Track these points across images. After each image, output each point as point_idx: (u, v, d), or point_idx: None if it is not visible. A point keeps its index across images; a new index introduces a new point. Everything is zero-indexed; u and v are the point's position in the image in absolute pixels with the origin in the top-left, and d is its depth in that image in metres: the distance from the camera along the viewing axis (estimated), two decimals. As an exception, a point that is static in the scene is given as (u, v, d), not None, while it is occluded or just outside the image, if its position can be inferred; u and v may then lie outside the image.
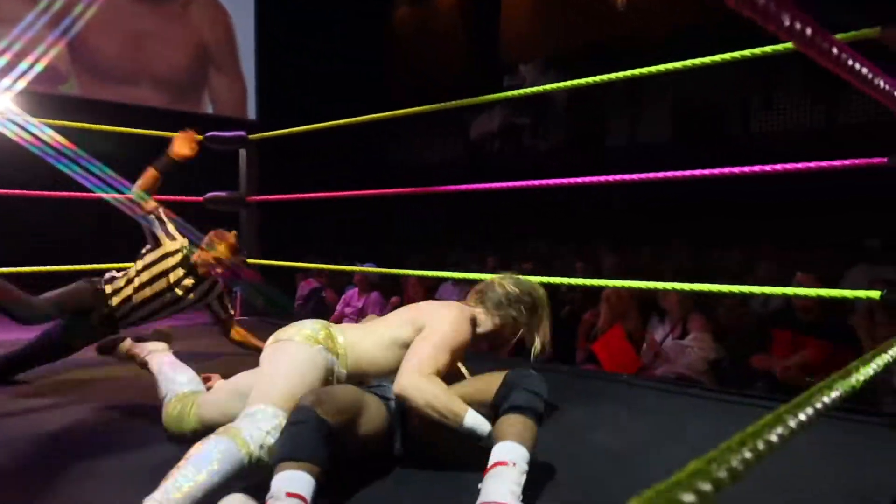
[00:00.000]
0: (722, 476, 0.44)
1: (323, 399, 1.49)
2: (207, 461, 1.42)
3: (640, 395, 2.62)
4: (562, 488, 1.64)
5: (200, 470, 1.39)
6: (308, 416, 1.45)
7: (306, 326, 1.83)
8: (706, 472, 0.43)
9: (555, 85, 3.12)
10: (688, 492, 0.41)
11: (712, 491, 0.43)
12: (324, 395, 1.53)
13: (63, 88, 6.97)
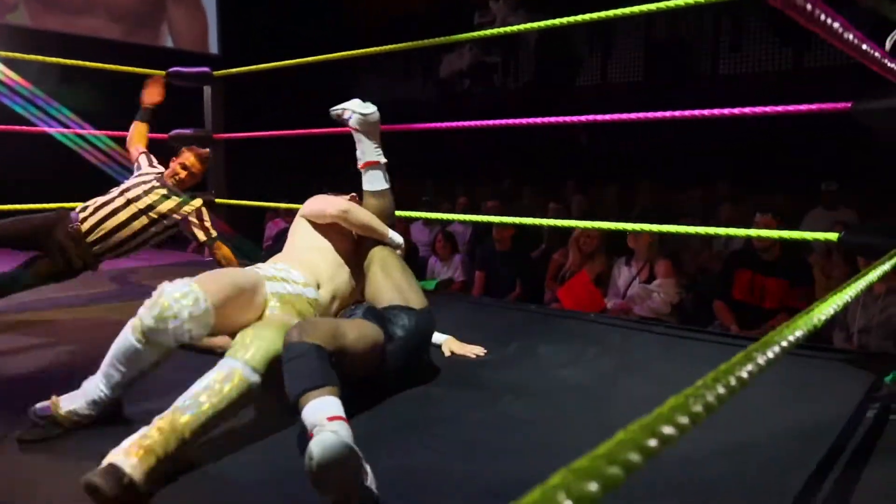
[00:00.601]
0: (698, 410, 0.47)
1: (306, 328, 1.53)
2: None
3: (607, 332, 2.70)
4: (536, 424, 1.71)
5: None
6: (303, 347, 1.47)
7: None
8: (684, 407, 0.46)
9: (525, 25, 3.06)
10: (668, 425, 0.44)
11: (690, 424, 0.46)
12: (305, 324, 1.56)
13: (11, 18, 6.60)
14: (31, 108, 4.49)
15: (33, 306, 2.94)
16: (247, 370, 1.49)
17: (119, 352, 1.57)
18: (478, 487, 1.34)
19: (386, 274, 2.02)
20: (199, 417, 1.39)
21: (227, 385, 1.45)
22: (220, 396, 1.43)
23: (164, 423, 1.36)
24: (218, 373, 1.47)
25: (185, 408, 1.39)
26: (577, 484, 0.35)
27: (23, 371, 2.10)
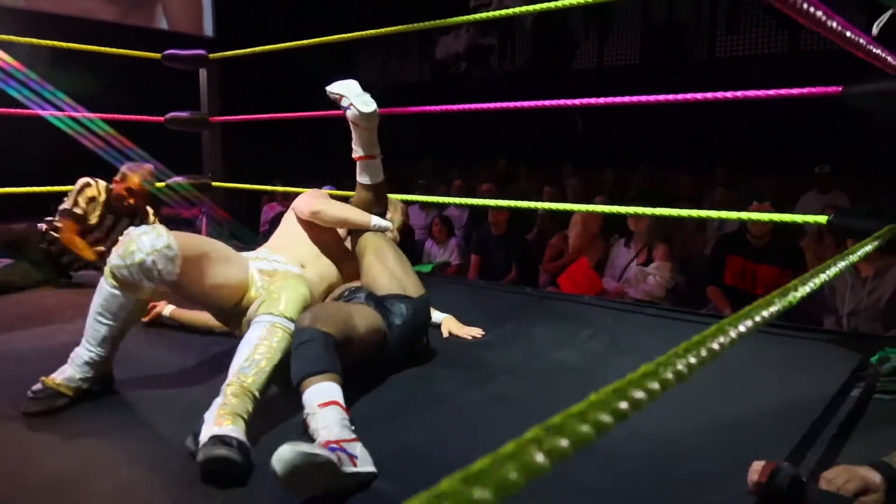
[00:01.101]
0: (668, 377, 0.51)
1: (319, 316, 1.58)
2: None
3: (600, 315, 2.74)
4: (531, 403, 1.75)
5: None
6: (312, 333, 1.52)
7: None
8: (655, 374, 0.50)
9: (522, 9, 3.07)
10: (639, 389, 0.47)
11: (660, 389, 0.49)
12: (318, 310, 1.62)
13: (5, 0, 6.56)
14: (25, 91, 4.48)
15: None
16: (284, 321, 1.61)
17: (97, 303, 1.65)
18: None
19: (381, 262, 2.04)
20: (261, 375, 1.50)
21: (274, 339, 1.56)
22: (272, 351, 1.54)
23: (235, 389, 1.44)
24: (261, 331, 1.57)
25: (246, 369, 1.49)
26: (550, 440, 0.39)
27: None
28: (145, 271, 1.59)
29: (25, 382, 1.64)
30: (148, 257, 1.59)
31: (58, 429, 1.54)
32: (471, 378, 1.93)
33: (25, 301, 2.83)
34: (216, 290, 1.75)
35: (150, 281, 1.60)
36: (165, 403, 1.72)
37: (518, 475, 0.36)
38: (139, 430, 1.56)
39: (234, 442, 1.30)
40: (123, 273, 1.60)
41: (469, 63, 8.86)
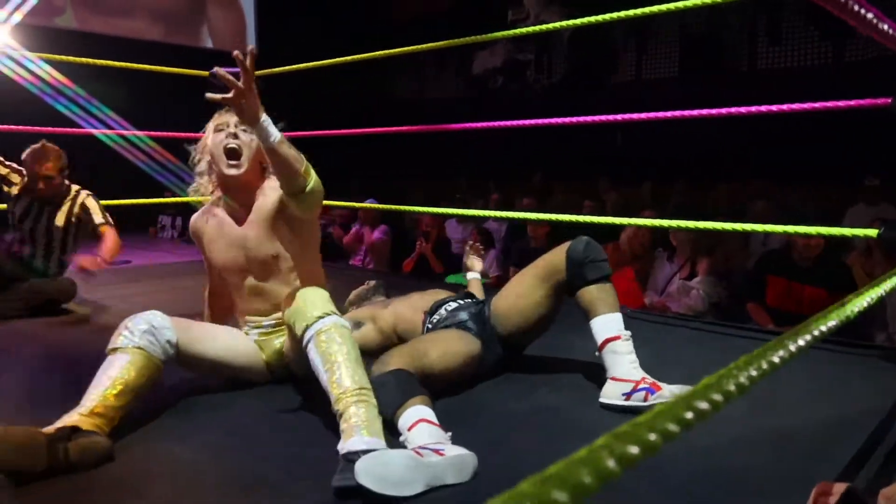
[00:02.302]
0: (731, 389, 0.51)
1: (384, 360, 1.65)
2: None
3: (642, 327, 2.70)
4: (572, 414, 1.75)
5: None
6: (381, 378, 1.57)
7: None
8: (718, 386, 0.50)
9: (560, 24, 3.08)
10: (702, 401, 0.48)
11: (723, 401, 0.50)
12: (384, 356, 1.67)
13: (59, 21, 6.84)
14: (73, 107, 4.63)
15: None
16: (331, 319, 1.56)
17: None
18: (517, 477, 1.39)
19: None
20: (355, 376, 1.47)
21: (339, 339, 1.53)
22: (346, 350, 1.51)
23: (346, 398, 1.43)
24: (320, 340, 1.52)
25: (339, 379, 1.46)
26: (620, 446, 0.40)
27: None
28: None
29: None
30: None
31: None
32: (511, 388, 1.93)
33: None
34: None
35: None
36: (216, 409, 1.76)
37: (592, 479, 0.37)
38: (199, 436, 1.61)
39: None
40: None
41: (506, 78, 8.92)
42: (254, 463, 1.46)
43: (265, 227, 1.88)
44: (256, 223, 1.89)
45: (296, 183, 1.72)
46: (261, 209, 1.89)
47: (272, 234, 1.88)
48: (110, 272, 4.41)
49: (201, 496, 1.34)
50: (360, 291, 2.59)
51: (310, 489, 1.32)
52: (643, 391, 1.70)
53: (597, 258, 1.87)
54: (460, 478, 1.32)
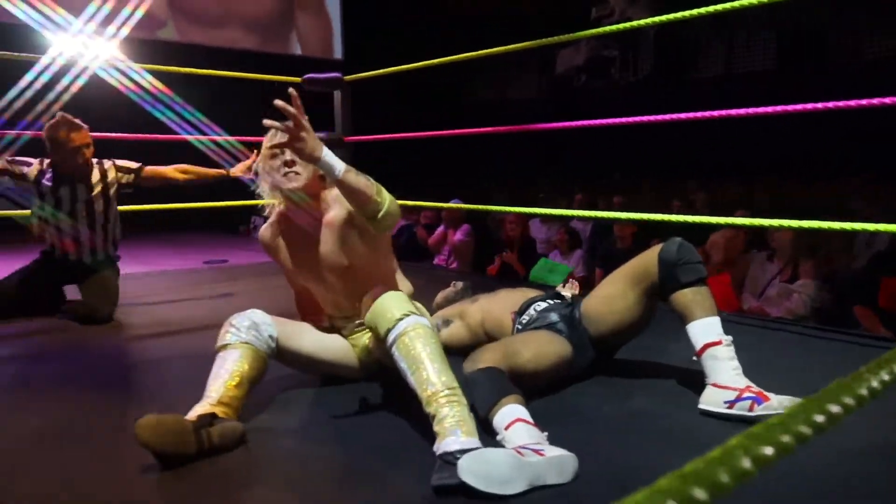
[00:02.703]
0: (863, 393, 0.50)
1: (475, 358, 1.67)
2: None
3: (740, 331, 2.60)
4: (669, 420, 1.71)
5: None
6: (474, 375, 1.60)
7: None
8: (850, 389, 0.49)
9: (647, 20, 3.01)
10: (834, 403, 0.47)
11: (855, 405, 0.49)
12: (475, 354, 1.70)
13: (161, 34, 7.26)
14: (168, 112, 4.88)
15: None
16: (413, 319, 1.56)
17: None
18: (612, 481, 1.38)
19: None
20: (443, 376, 1.47)
21: (423, 339, 1.52)
22: (431, 350, 1.51)
23: (437, 399, 1.43)
24: (404, 343, 1.52)
25: (428, 379, 1.46)
26: (755, 447, 0.40)
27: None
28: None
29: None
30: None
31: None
32: (605, 392, 1.92)
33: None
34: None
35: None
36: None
37: (729, 478, 0.38)
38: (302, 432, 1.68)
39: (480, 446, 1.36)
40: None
41: (589, 75, 8.79)
42: (357, 456, 1.51)
43: (336, 240, 1.86)
44: (326, 235, 1.88)
45: (369, 209, 1.68)
46: (331, 223, 1.86)
47: (343, 245, 1.86)
48: (207, 271, 4.66)
49: (310, 486, 1.40)
50: (447, 293, 2.62)
51: (412, 483, 1.36)
52: (749, 400, 1.64)
53: (690, 260, 1.82)
54: (561, 478, 1.33)
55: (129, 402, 1.91)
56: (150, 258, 6.16)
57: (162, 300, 3.47)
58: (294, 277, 2.06)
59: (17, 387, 2.09)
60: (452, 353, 2.02)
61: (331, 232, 1.87)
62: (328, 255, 1.87)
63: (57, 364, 2.35)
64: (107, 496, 1.35)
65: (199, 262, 5.63)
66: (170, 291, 3.73)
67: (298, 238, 1.93)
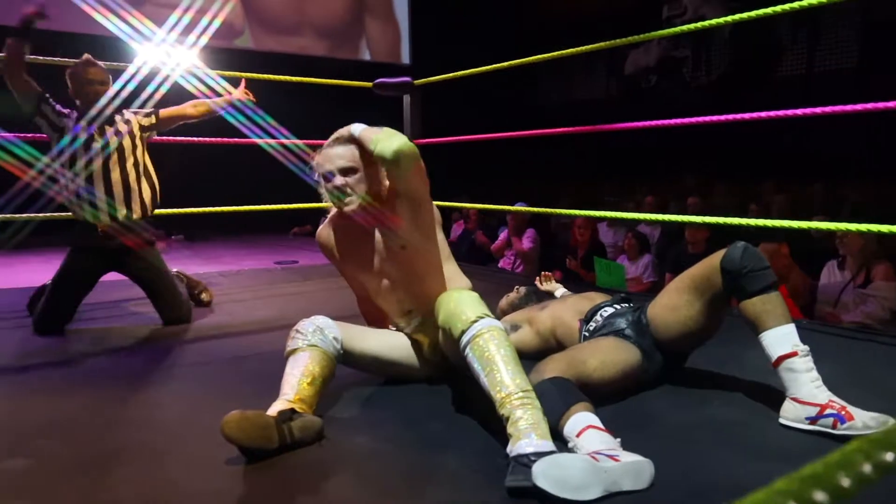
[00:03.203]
0: None
1: (539, 369, 1.67)
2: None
3: (819, 339, 2.51)
4: (747, 428, 1.66)
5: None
6: (541, 386, 1.58)
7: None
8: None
9: (723, 19, 2.92)
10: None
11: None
12: (540, 365, 1.70)
13: (238, 42, 7.54)
14: (240, 117, 5.04)
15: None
16: (487, 321, 1.56)
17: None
18: (690, 489, 1.34)
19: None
20: (517, 378, 1.47)
21: (497, 342, 1.52)
22: (505, 352, 1.51)
23: (510, 401, 1.42)
24: (478, 344, 1.52)
25: (501, 382, 1.46)
26: (876, 453, 0.38)
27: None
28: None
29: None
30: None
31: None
32: (678, 399, 1.87)
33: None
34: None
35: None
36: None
37: (850, 483, 0.36)
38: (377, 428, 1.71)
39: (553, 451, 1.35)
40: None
41: (660, 76, 8.60)
42: (430, 455, 1.53)
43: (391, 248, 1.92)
44: (382, 242, 1.93)
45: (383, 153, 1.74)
46: (379, 203, 1.90)
47: (399, 253, 1.91)
48: (278, 271, 4.79)
49: (385, 482, 1.42)
50: (511, 299, 2.61)
51: (486, 484, 1.36)
52: (831, 417, 1.56)
53: (756, 267, 1.70)
54: (637, 484, 1.30)
55: (209, 399, 1.98)
56: (225, 258, 6.38)
57: (236, 299, 3.59)
58: (352, 277, 2.10)
59: (102, 383, 2.20)
60: (522, 359, 2.02)
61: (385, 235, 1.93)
62: (382, 238, 1.90)
63: (138, 361, 2.47)
64: (194, 486, 1.40)
65: (270, 262, 5.80)
66: (243, 291, 3.86)
67: (356, 236, 1.97)
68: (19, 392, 2.04)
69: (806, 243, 4.16)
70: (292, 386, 1.66)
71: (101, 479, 1.42)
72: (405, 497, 1.37)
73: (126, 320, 3.08)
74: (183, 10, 6.71)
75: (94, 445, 1.62)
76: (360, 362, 1.93)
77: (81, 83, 2.86)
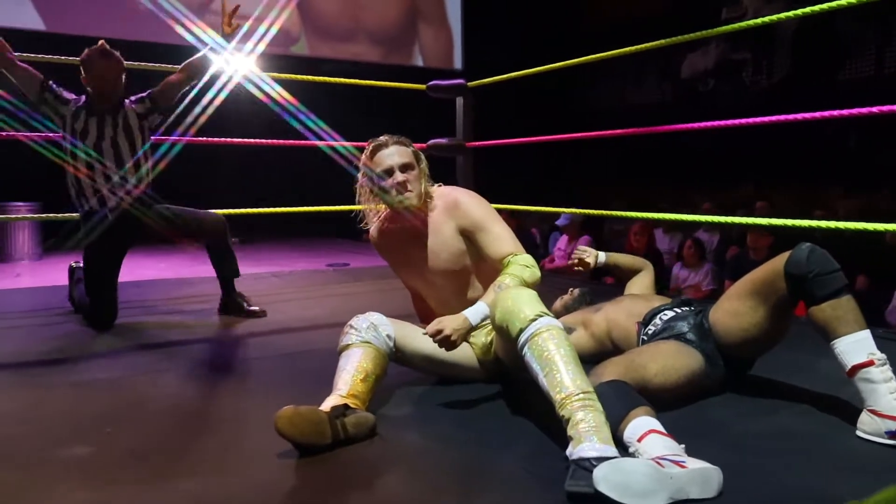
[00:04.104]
0: None
1: (598, 372, 1.60)
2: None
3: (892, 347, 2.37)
4: (819, 439, 1.57)
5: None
6: (600, 389, 1.51)
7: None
8: None
9: (784, 14, 2.80)
10: None
11: None
12: (598, 368, 1.63)
13: (294, 49, 7.68)
14: (293, 121, 5.10)
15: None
16: (546, 320, 1.52)
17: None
18: (761, 500, 1.27)
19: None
20: (577, 379, 1.41)
21: (556, 341, 1.48)
22: (564, 352, 1.46)
23: (570, 403, 1.37)
24: (536, 343, 1.48)
25: (561, 382, 1.41)
26: None
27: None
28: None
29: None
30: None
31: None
32: (745, 407, 1.78)
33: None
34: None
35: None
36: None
37: None
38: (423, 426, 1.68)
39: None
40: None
41: (718, 80, 8.36)
42: (484, 455, 1.49)
43: (443, 245, 1.93)
44: (434, 238, 1.93)
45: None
46: (438, 229, 1.93)
47: (452, 254, 1.93)
48: (330, 273, 4.83)
49: (437, 482, 1.39)
50: (565, 301, 2.56)
51: (540, 488, 1.32)
52: None
53: (824, 270, 1.59)
54: (705, 493, 1.24)
55: (262, 394, 1.99)
56: (278, 260, 6.49)
57: (288, 299, 3.63)
58: (404, 277, 2.12)
59: (157, 376, 2.23)
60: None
61: (437, 236, 1.94)
62: (434, 258, 1.94)
63: (191, 356, 2.51)
64: (247, 480, 1.40)
65: (322, 264, 5.86)
66: (296, 291, 3.90)
67: (407, 237, 1.99)
68: (80, 384, 2.09)
69: (877, 249, 3.95)
70: (346, 382, 1.65)
71: (157, 468, 1.43)
72: (457, 497, 1.33)
73: (180, 316, 3.14)
74: (242, 18, 6.89)
75: (150, 436, 1.64)
76: (413, 361, 1.91)
77: (94, 72, 2.85)
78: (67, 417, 1.78)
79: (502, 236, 1.90)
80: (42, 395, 1.97)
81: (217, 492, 1.33)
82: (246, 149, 4.30)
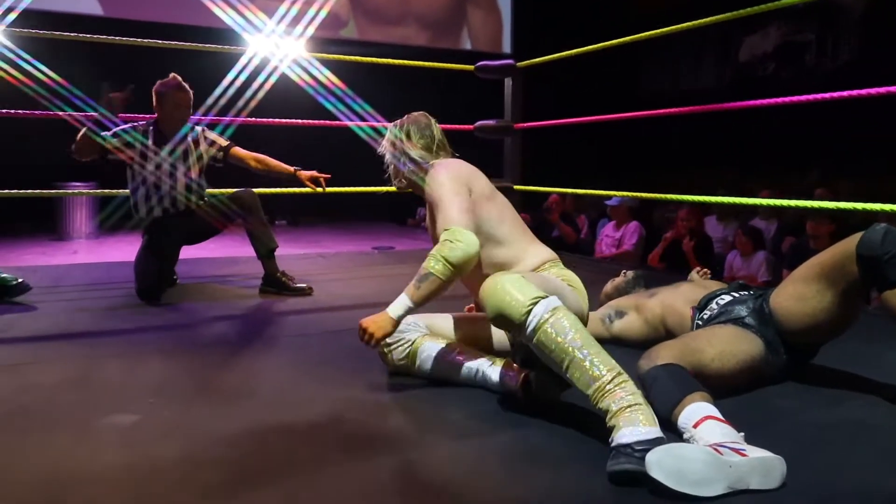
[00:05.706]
0: None
1: (651, 355, 1.55)
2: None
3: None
4: (887, 432, 1.47)
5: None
6: (653, 372, 1.48)
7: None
8: None
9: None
10: None
11: None
12: (651, 351, 1.57)
13: (343, 32, 7.68)
14: (339, 105, 5.09)
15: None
16: (544, 304, 1.43)
17: None
18: (825, 493, 1.19)
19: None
20: (603, 365, 1.34)
21: (567, 324, 1.41)
22: (581, 335, 1.39)
23: (603, 387, 1.32)
24: (546, 331, 1.41)
25: (589, 367, 1.34)
26: None
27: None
28: None
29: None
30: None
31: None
32: (809, 397, 1.68)
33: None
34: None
35: None
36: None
37: None
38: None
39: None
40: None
41: (779, 63, 8.03)
42: (531, 438, 1.44)
43: (429, 214, 1.93)
44: (430, 220, 1.94)
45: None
46: (429, 209, 1.93)
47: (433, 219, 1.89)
48: (376, 255, 4.83)
49: (482, 464, 1.34)
50: (617, 283, 2.47)
51: (588, 470, 1.26)
52: None
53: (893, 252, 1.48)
54: (766, 483, 1.16)
55: (306, 369, 1.98)
56: (325, 242, 6.54)
57: (334, 278, 3.64)
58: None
59: (203, 350, 2.26)
60: (625, 347, 1.89)
61: (429, 213, 1.93)
62: (431, 229, 1.93)
63: (237, 330, 2.54)
64: (287, 453, 1.39)
65: (368, 247, 5.87)
66: (342, 271, 3.91)
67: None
68: (129, 354, 2.12)
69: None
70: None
71: (200, 439, 1.43)
72: (503, 479, 1.29)
73: (227, 293, 3.17)
74: (291, 2, 6.91)
75: (194, 408, 1.64)
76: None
77: (167, 107, 2.98)
78: (116, 386, 1.81)
79: (444, 213, 1.75)
80: (92, 364, 2.01)
81: (255, 463, 1.32)
82: (294, 130, 4.31)
